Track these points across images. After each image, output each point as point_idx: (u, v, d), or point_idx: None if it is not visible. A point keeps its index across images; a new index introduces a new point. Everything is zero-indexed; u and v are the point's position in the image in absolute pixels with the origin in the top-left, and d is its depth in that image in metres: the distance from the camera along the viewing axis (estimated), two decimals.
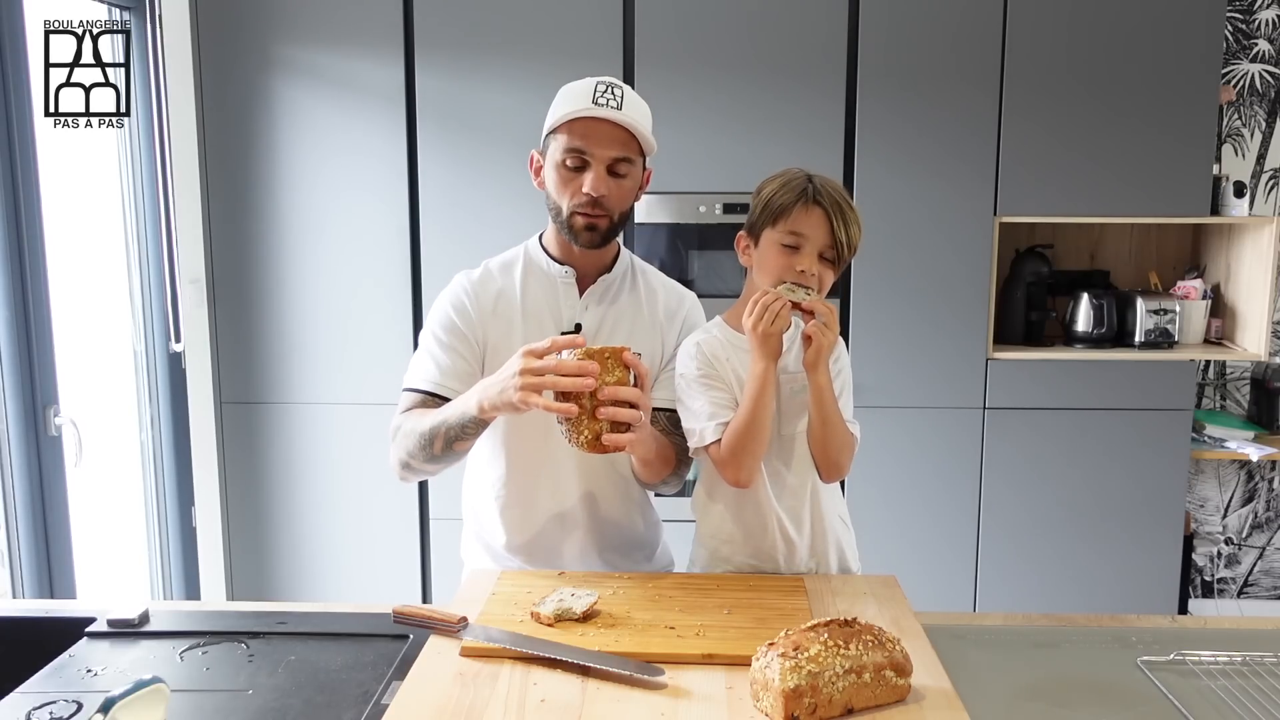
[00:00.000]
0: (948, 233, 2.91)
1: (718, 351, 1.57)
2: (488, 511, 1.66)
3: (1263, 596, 3.55)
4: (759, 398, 1.47)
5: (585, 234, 1.54)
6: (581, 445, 1.38)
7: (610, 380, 1.36)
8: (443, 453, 1.50)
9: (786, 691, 1.07)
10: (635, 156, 1.54)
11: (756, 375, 1.47)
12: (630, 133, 1.52)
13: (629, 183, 1.55)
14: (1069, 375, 2.96)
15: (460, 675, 1.20)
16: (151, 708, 1.01)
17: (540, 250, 1.63)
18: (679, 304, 1.67)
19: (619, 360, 1.38)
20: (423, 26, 2.85)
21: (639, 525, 1.70)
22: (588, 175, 1.51)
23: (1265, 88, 3.29)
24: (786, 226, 1.49)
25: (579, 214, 1.52)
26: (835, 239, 1.48)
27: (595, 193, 1.50)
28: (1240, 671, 1.27)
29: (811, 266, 1.48)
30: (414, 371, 1.61)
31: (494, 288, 1.61)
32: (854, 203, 1.52)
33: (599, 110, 1.49)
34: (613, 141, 1.51)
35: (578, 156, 1.51)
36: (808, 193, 1.49)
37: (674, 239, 2.93)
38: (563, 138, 1.51)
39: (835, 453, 1.53)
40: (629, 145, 1.52)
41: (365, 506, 3.00)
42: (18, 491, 2.30)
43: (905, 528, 2.99)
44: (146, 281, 2.90)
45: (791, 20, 2.83)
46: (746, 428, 1.48)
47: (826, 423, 1.51)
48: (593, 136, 1.50)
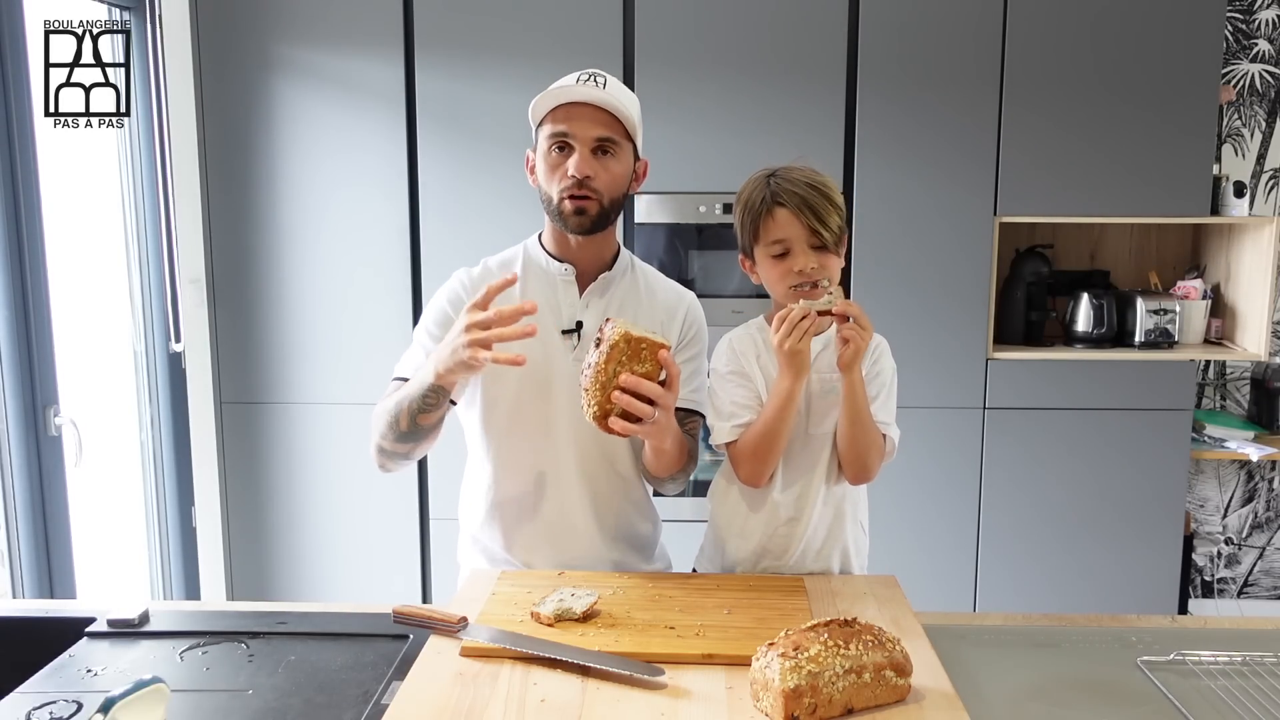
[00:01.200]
0: (948, 232, 2.91)
1: (748, 349, 1.57)
2: (482, 517, 1.65)
3: (1263, 596, 3.55)
4: (781, 412, 1.47)
5: (575, 218, 1.53)
6: (589, 417, 1.39)
7: (639, 370, 1.37)
8: (409, 428, 1.48)
9: (786, 691, 1.07)
10: (621, 139, 1.53)
11: (782, 391, 1.46)
12: (614, 116, 1.51)
13: (617, 166, 1.54)
14: (1069, 375, 2.96)
15: (460, 675, 1.20)
16: (151, 708, 1.01)
17: (539, 248, 1.63)
18: (678, 302, 1.67)
19: (653, 355, 1.38)
20: (423, 26, 2.85)
21: (639, 525, 1.70)
22: (572, 158, 1.51)
23: (1265, 88, 3.29)
24: (766, 238, 1.49)
25: (567, 197, 1.52)
26: (812, 229, 1.46)
27: (580, 173, 1.50)
28: (1240, 671, 1.27)
29: (807, 264, 1.47)
30: (403, 362, 1.61)
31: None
32: (824, 183, 1.49)
33: (580, 92, 1.49)
34: (595, 123, 1.50)
35: (561, 139, 1.51)
36: (766, 199, 1.48)
37: (674, 239, 2.93)
38: (548, 126, 1.52)
39: (863, 453, 1.52)
40: (613, 126, 1.52)
41: (365, 506, 3.00)
42: (18, 491, 2.30)
43: (905, 528, 2.99)
44: (146, 281, 2.90)
45: (791, 19, 2.83)
46: (764, 437, 1.49)
47: (856, 422, 1.49)
48: (575, 119, 1.50)
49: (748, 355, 1.57)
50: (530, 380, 1.57)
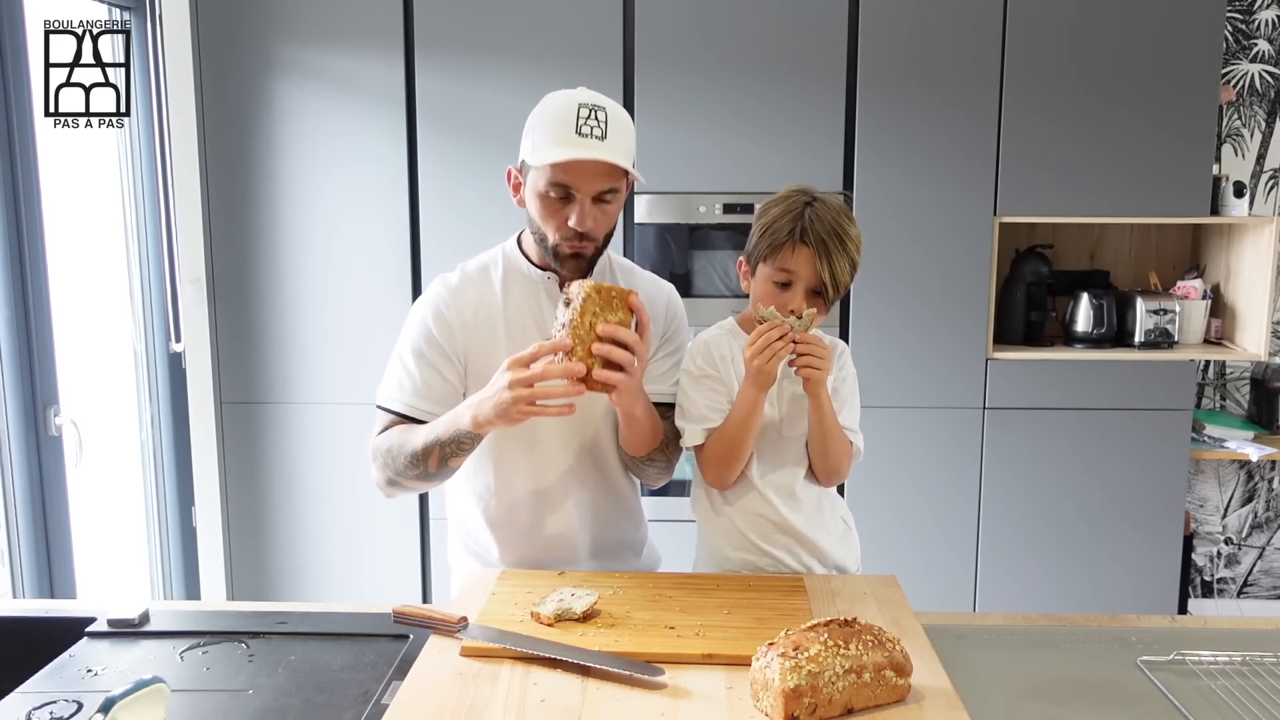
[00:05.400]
0: (948, 233, 2.91)
1: (724, 351, 1.58)
2: (476, 523, 1.65)
3: (1262, 596, 3.55)
4: (746, 420, 1.49)
5: (571, 262, 1.51)
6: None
7: (613, 319, 1.37)
8: (438, 469, 1.49)
9: (786, 691, 1.07)
10: (620, 183, 1.49)
11: (747, 400, 1.48)
12: (616, 165, 1.46)
13: (614, 208, 1.52)
14: (1069, 375, 2.96)
15: (460, 675, 1.20)
16: (151, 708, 1.01)
17: (520, 254, 1.61)
18: (658, 295, 1.66)
19: (624, 302, 1.39)
20: (423, 26, 2.85)
21: (629, 527, 1.71)
22: (573, 210, 1.46)
23: (1265, 88, 3.29)
24: (777, 264, 1.49)
25: (565, 244, 1.49)
26: (820, 279, 1.47)
27: (582, 228, 1.47)
28: (1240, 671, 1.27)
29: (800, 306, 1.48)
30: (388, 388, 1.59)
31: (473, 295, 1.58)
32: (850, 234, 1.49)
33: (583, 148, 1.42)
34: (599, 175, 1.45)
35: (562, 190, 1.46)
36: (795, 231, 1.47)
37: (674, 239, 2.93)
38: (548, 171, 1.45)
39: (835, 461, 1.56)
40: (614, 175, 1.47)
41: (365, 506, 3.00)
42: (18, 491, 2.30)
43: (905, 528, 2.99)
44: (146, 281, 2.90)
45: (791, 20, 2.83)
46: (728, 443, 1.52)
47: (826, 437, 1.53)
48: (578, 172, 1.44)
49: (721, 358, 1.57)
50: None
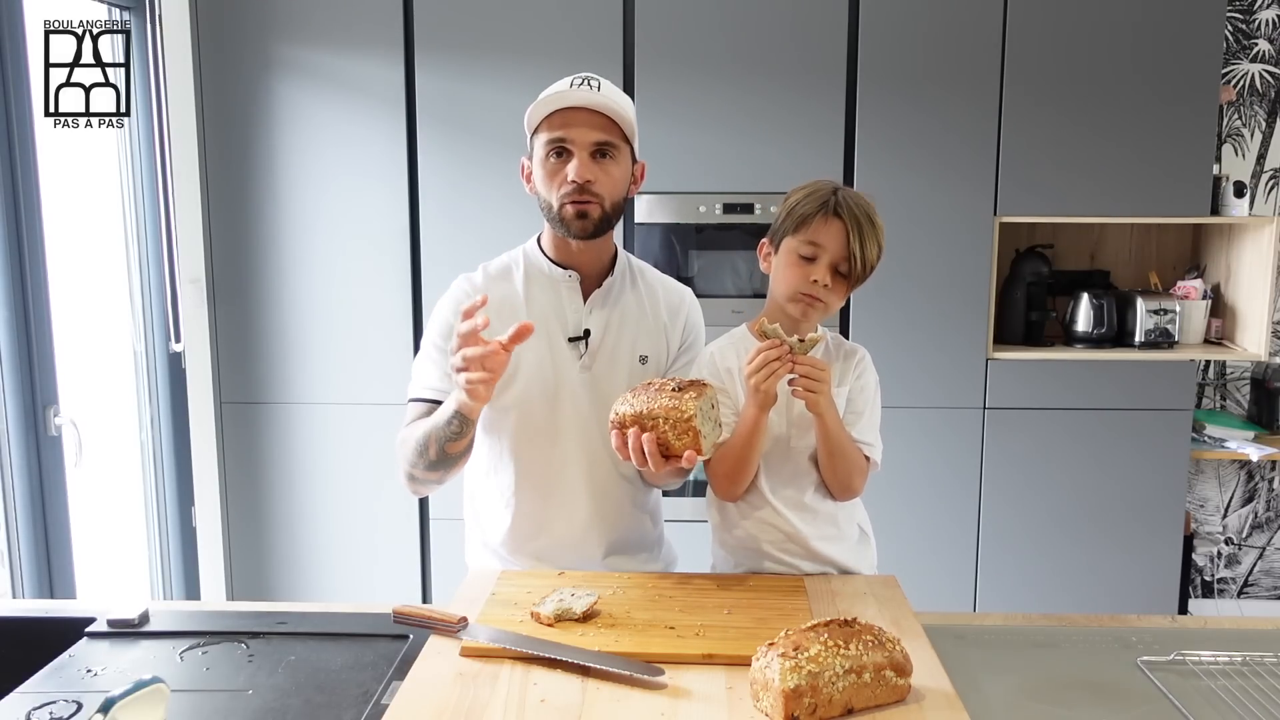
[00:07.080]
0: (948, 233, 2.91)
1: (730, 364, 1.57)
2: (496, 520, 1.65)
3: (1263, 596, 3.55)
4: (749, 438, 1.48)
5: (577, 222, 1.52)
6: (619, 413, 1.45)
7: (672, 432, 1.39)
8: (438, 458, 1.49)
9: (786, 691, 1.07)
10: (619, 141, 1.52)
11: (748, 419, 1.47)
12: (611, 119, 1.50)
13: (617, 169, 1.53)
14: (1069, 375, 2.96)
15: (460, 675, 1.20)
16: (151, 708, 1.01)
17: (540, 254, 1.62)
18: (680, 301, 1.68)
19: (688, 431, 1.39)
20: (423, 26, 2.85)
21: (647, 527, 1.71)
22: (571, 163, 1.49)
23: (1265, 88, 3.29)
24: (806, 236, 1.49)
25: (569, 202, 1.51)
26: (850, 252, 1.47)
27: (580, 178, 1.48)
28: (1240, 671, 1.27)
29: (825, 278, 1.48)
30: (417, 380, 1.60)
31: (495, 294, 1.59)
32: (877, 222, 1.51)
33: (575, 96, 1.48)
34: (593, 127, 1.49)
35: (559, 145, 1.50)
36: (829, 204, 1.48)
37: (674, 239, 2.93)
38: (544, 133, 1.50)
39: (845, 477, 1.54)
40: (610, 129, 1.50)
41: (365, 506, 3.00)
42: (18, 491, 2.30)
43: (905, 528, 2.99)
44: (146, 281, 2.90)
45: (791, 20, 2.83)
46: (733, 460, 1.51)
47: (833, 454, 1.51)
48: (572, 124, 1.49)
49: (728, 370, 1.57)
50: (538, 387, 1.57)
